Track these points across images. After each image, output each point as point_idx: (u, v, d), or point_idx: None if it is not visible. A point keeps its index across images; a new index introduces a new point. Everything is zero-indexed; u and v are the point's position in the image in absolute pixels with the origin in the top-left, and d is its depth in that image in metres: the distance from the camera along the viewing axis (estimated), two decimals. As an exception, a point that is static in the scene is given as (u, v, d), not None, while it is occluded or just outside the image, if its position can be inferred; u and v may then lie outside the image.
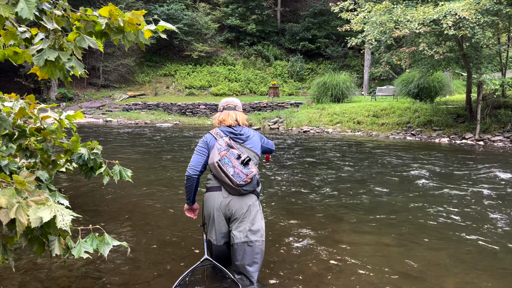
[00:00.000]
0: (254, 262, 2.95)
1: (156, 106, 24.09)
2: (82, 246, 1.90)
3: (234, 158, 2.90)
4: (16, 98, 2.31)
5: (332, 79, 20.32)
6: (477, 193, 6.12)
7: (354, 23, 13.44)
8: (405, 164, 8.71)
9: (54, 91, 26.37)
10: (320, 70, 30.30)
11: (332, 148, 11.69)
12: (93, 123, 21.01)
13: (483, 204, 5.51)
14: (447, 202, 5.66)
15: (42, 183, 2.37)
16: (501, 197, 5.92)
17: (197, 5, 32.55)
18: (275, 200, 5.74)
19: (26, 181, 1.72)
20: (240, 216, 2.95)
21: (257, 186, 3.02)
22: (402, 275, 3.31)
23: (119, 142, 12.97)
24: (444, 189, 6.38)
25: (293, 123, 18.12)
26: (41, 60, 1.86)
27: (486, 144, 12.54)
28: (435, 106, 16.41)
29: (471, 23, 10.78)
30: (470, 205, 5.50)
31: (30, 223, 1.58)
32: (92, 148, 2.52)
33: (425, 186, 6.61)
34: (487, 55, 13.42)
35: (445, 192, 6.21)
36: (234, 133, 3.06)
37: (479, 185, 6.69)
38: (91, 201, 5.68)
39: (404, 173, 7.73)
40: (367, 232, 4.42)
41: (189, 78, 30.02)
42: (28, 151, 2.32)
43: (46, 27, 1.90)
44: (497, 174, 7.51)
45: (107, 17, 2.02)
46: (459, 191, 6.23)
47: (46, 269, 3.38)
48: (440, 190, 6.33)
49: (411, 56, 14.78)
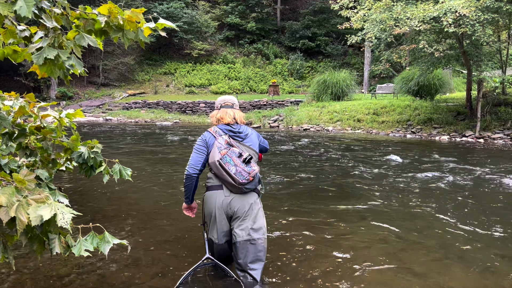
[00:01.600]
0: (257, 260, 2.95)
1: (156, 105, 24.09)
2: (82, 244, 1.90)
3: (236, 157, 2.89)
4: (16, 96, 2.30)
5: (332, 77, 20.30)
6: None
7: (354, 21, 13.41)
8: (412, 163, 8.71)
9: (54, 90, 26.36)
10: (320, 68, 30.26)
11: (333, 146, 11.69)
12: (93, 122, 21.00)
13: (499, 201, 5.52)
14: (456, 203, 5.66)
15: (42, 182, 2.37)
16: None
17: (197, 3, 32.50)
18: (276, 198, 5.74)
19: (26, 180, 1.71)
20: (242, 214, 2.95)
21: (258, 184, 3.01)
22: (407, 273, 3.31)
23: (121, 141, 12.97)
24: (456, 191, 6.37)
25: (293, 121, 18.11)
26: (41, 59, 1.86)
27: (487, 141, 12.53)
28: (435, 103, 16.39)
29: (471, 21, 10.76)
30: (487, 207, 5.50)
31: (30, 221, 1.58)
32: (92, 146, 2.52)
33: (432, 184, 6.61)
34: (487, 52, 13.40)
35: (456, 192, 6.20)
36: (233, 131, 3.05)
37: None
38: (91, 199, 5.68)
39: (410, 174, 7.73)
40: (371, 232, 4.42)
41: (189, 77, 30.00)
42: (28, 150, 2.31)
43: (46, 26, 1.90)
44: (502, 172, 7.51)
45: (106, 15, 2.01)
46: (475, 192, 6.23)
47: (46, 268, 3.38)
48: (452, 192, 6.33)
49: (411, 54, 14.76)
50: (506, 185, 6.51)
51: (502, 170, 7.68)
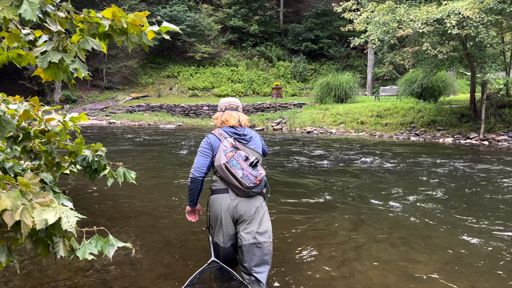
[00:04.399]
0: (263, 263, 2.94)
1: (160, 108, 24.14)
2: (86, 247, 1.89)
3: (242, 160, 2.87)
4: (21, 100, 2.31)
5: (335, 80, 20.28)
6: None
7: (357, 23, 13.41)
8: (418, 165, 8.68)
9: (58, 93, 26.46)
10: (323, 70, 30.25)
11: (338, 148, 11.67)
12: (96, 125, 21.06)
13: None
14: (460, 206, 5.63)
15: (46, 185, 2.37)
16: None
17: (200, 6, 32.60)
18: (281, 200, 5.73)
19: (31, 183, 1.72)
20: (248, 218, 2.93)
21: (264, 188, 3.01)
22: (409, 277, 3.30)
23: (125, 144, 13.00)
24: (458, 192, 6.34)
25: (296, 124, 18.09)
26: (45, 62, 1.86)
27: (491, 143, 12.47)
28: (439, 105, 16.34)
29: (474, 22, 10.73)
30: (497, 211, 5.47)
31: (35, 225, 1.58)
32: (96, 150, 2.52)
33: (436, 186, 6.58)
34: (491, 54, 13.35)
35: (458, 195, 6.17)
36: (238, 133, 3.03)
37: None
38: (95, 202, 5.69)
39: (415, 174, 7.71)
40: (376, 233, 4.40)
41: (192, 80, 30.06)
42: (32, 153, 2.32)
43: (50, 29, 1.90)
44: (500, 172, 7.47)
45: (110, 19, 2.02)
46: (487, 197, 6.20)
47: (50, 271, 3.39)
48: (455, 194, 6.30)
49: (415, 56, 14.73)
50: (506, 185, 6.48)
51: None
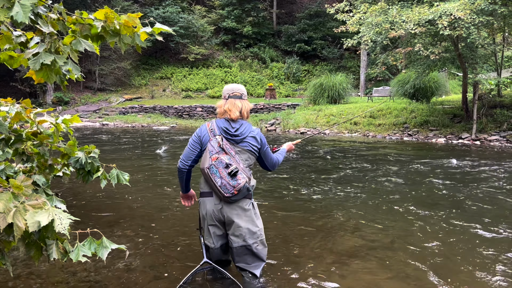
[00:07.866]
0: (255, 261, 2.98)
1: (153, 109, 24.06)
2: (80, 250, 1.89)
3: (222, 168, 2.81)
4: (12, 102, 2.30)
5: (328, 81, 20.35)
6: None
7: (349, 24, 13.46)
8: (411, 164, 8.73)
9: (50, 95, 26.26)
10: (316, 71, 30.32)
11: (330, 151, 11.70)
12: (90, 127, 20.94)
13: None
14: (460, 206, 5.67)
15: (39, 188, 2.36)
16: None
17: (193, 7, 32.54)
18: (275, 199, 5.73)
19: (23, 186, 1.71)
20: (235, 220, 2.91)
21: (247, 192, 2.90)
22: (406, 278, 3.31)
23: (118, 145, 12.94)
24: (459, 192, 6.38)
25: (290, 125, 18.13)
26: (37, 64, 1.85)
27: (483, 143, 12.58)
28: (432, 106, 16.45)
29: (466, 23, 10.82)
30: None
31: (28, 227, 1.57)
32: (89, 152, 2.51)
33: (436, 188, 6.62)
34: (482, 55, 13.48)
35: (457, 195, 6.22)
36: (229, 133, 2.95)
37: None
38: (89, 205, 5.65)
39: (409, 174, 7.75)
40: (373, 233, 4.42)
41: (185, 81, 29.99)
42: (24, 156, 2.31)
43: (42, 31, 1.89)
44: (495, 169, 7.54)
45: (103, 20, 2.01)
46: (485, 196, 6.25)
47: (43, 274, 3.36)
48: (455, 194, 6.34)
49: (407, 57, 14.83)
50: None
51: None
